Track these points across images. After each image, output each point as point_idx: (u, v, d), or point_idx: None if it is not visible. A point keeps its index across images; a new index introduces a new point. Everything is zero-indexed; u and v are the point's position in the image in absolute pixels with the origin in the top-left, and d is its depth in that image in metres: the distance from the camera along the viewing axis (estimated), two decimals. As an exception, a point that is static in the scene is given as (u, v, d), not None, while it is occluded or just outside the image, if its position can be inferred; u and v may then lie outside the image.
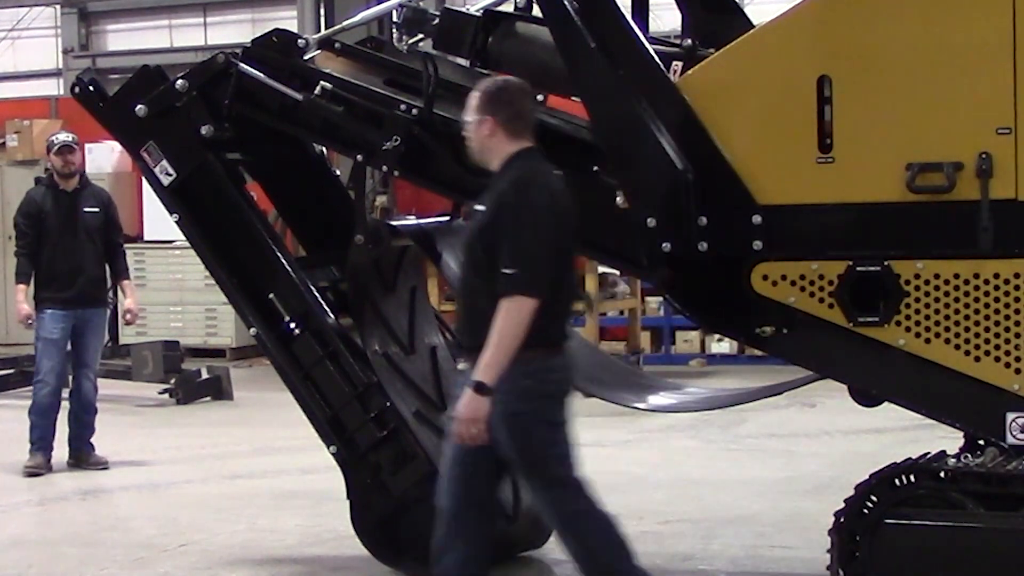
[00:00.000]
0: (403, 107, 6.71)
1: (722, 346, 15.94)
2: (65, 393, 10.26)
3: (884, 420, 8.84)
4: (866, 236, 5.88)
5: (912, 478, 5.72)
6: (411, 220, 7.72)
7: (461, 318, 5.77)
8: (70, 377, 10.33)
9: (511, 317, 5.42)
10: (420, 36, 7.12)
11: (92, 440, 10.29)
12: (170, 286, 17.42)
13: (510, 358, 5.43)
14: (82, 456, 10.23)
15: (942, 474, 5.70)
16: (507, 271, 5.43)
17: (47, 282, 10.04)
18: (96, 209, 10.17)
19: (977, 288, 5.74)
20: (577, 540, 5.73)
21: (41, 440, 10.08)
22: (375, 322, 7.18)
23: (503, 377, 5.49)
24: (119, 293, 10.66)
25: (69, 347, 10.13)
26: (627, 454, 10.53)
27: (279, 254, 7.13)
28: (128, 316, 10.33)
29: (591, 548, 5.73)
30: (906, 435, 9.60)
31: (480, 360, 5.46)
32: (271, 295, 7.09)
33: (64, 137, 10.35)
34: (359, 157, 6.90)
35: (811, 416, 11.82)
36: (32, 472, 9.98)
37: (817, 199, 5.90)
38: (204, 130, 7.09)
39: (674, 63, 6.43)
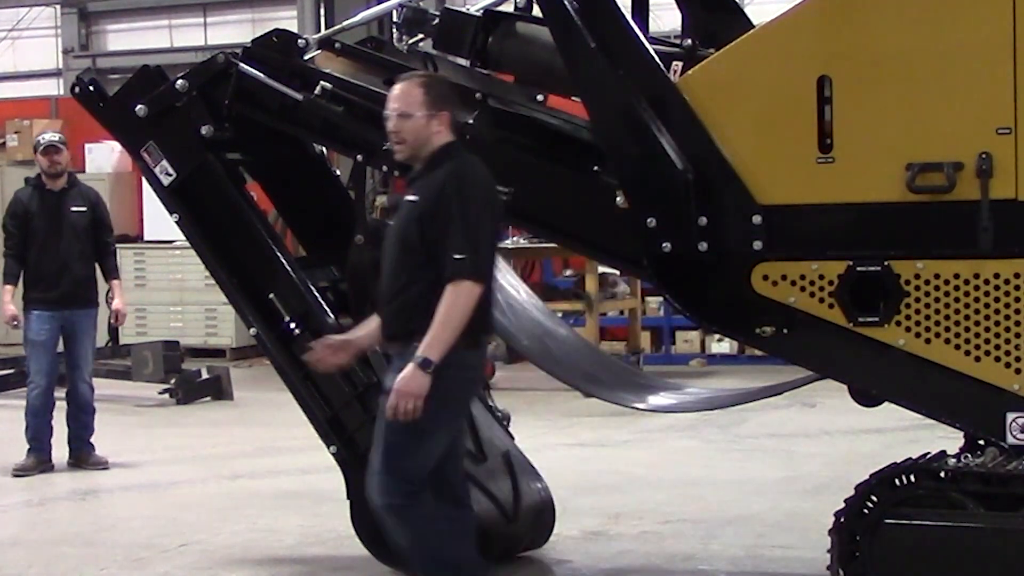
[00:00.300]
0: (403, 107, 6.70)
1: (722, 346, 15.93)
2: (63, 394, 10.27)
3: (884, 420, 8.84)
4: (866, 236, 5.88)
5: (912, 478, 5.72)
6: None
7: (390, 306, 5.78)
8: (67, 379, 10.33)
9: (460, 300, 5.50)
10: (420, 36, 7.12)
11: (92, 440, 10.29)
12: (170, 286, 17.42)
13: (455, 339, 5.50)
14: (82, 456, 10.24)
15: (942, 474, 5.70)
16: (457, 256, 5.50)
17: (34, 283, 10.04)
18: (83, 209, 10.14)
19: (977, 288, 5.74)
20: (417, 537, 5.71)
21: (35, 440, 10.09)
22: (375, 322, 7.17)
23: (413, 354, 5.54)
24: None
25: (61, 347, 10.13)
26: (627, 454, 10.53)
27: (279, 254, 7.13)
28: (116, 317, 10.31)
29: (435, 546, 5.72)
30: (906, 435, 9.60)
31: (425, 339, 5.50)
32: (271, 295, 7.09)
33: (50, 137, 10.34)
34: (359, 157, 6.90)
35: (811, 416, 11.81)
36: (18, 473, 9.99)
37: (817, 199, 5.90)
38: (204, 130, 7.10)
39: (674, 63, 6.43)
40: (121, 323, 10.60)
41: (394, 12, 7.29)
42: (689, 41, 6.65)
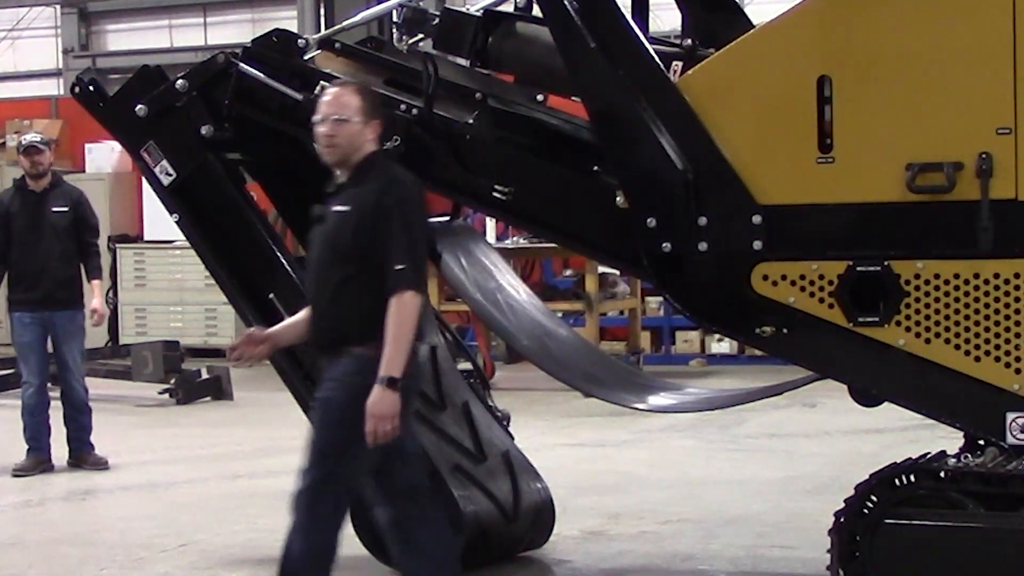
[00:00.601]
0: (403, 107, 6.71)
1: (722, 346, 15.95)
2: (59, 393, 10.26)
3: (884, 420, 8.84)
4: (866, 236, 5.88)
5: (912, 478, 5.72)
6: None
7: (323, 318, 5.74)
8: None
9: (406, 310, 5.48)
10: (420, 36, 7.11)
11: (91, 440, 10.30)
12: (170, 286, 17.43)
13: (410, 349, 5.49)
14: (82, 456, 10.24)
15: (942, 474, 5.70)
16: (399, 267, 5.50)
17: (15, 283, 10.05)
18: (64, 209, 10.11)
19: (977, 288, 5.73)
20: (305, 547, 5.73)
21: (33, 440, 10.11)
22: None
23: (344, 363, 5.57)
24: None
25: (50, 347, 10.11)
26: (627, 454, 10.54)
27: (279, 254, 7.14)
28: (95, 317, 10.29)
29: (307, 560, 5.73)
30: (906, 435, 9.61)
31: (384, 358, 5.46)
32: (271, 295, 7.09)
33: (32, 137, 10.36)
34: (359, 157, 6.89)
35: (811, 416, 11.82)
36: (18, 473, 10.00)
37: (817, 199, 5.90)
38: (204, 130, 7.10)
39: (674, 63, 6.43)
40: (99, 324, 10.56)
41: (394, 12, 7.29)
42: (689, 41, 6.65)
